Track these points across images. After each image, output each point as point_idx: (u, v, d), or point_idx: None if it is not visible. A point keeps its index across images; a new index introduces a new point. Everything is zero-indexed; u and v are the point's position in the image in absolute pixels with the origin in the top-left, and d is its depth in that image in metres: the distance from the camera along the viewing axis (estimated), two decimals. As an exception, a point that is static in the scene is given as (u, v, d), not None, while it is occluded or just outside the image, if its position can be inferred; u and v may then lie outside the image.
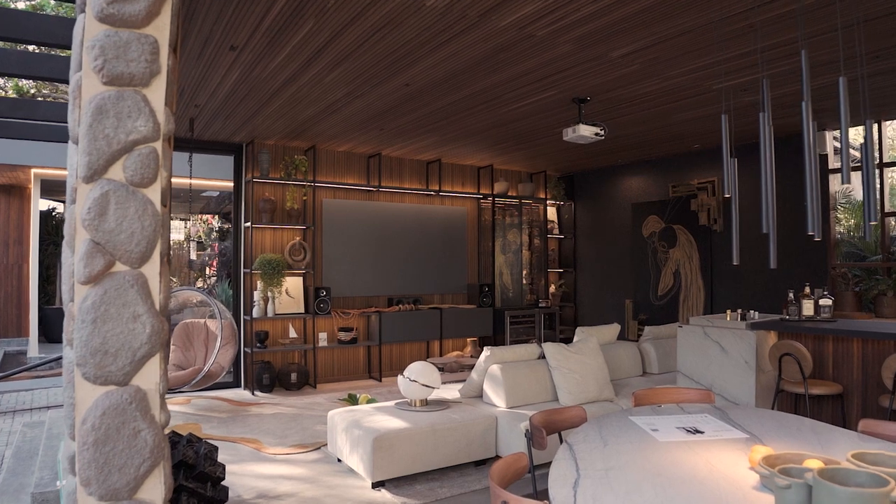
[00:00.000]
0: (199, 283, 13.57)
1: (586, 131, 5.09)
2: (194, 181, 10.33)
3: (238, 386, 7.00)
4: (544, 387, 4.50)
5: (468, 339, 8.26)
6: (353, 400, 4.66)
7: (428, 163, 8.16)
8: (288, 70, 4.50)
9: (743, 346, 4.52)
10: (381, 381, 7.40)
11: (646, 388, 5.21)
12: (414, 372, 4.20)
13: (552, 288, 9.18)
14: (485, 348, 4.44)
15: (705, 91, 5.05)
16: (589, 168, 9.03)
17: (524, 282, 8.84)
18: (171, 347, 6.14)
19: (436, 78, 4.65)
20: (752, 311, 4.92)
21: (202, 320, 6.26)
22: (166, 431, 2.07)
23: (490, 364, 4.43)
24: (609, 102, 5.35)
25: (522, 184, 8.89)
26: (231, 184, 7.16)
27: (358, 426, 3.90)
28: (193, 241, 14.20)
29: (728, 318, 4.83)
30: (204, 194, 12.52)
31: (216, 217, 13.77)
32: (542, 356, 4.70)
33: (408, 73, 4.53)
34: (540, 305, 8.59)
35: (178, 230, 14.66)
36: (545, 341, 8.66)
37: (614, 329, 5.60)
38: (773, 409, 4.36)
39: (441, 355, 8.04)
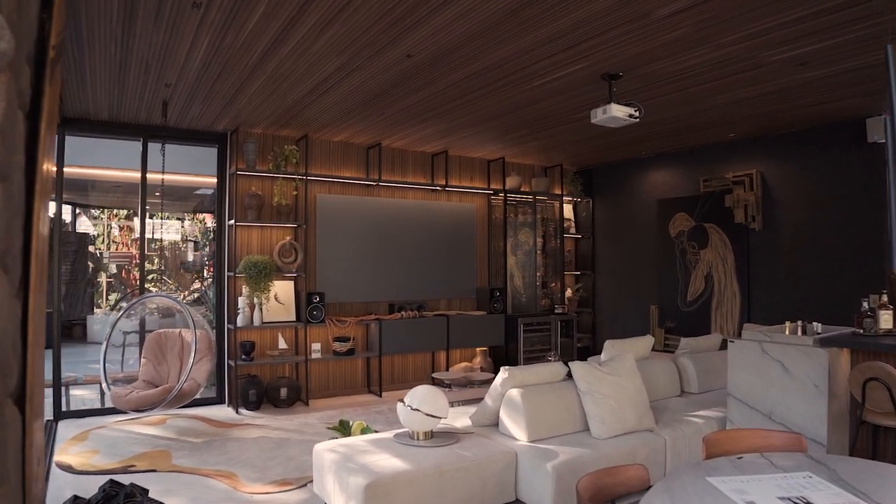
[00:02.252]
0: (196, 285, 12.95)
1: (619, 112, 4.34)
2: (179, 177, 9.66)
3: (222, 402, 6.27)
4: (572, 415, 3.75)
5: (477, 349, 7.52)
6: (344, 429, 3.94)
7: (433, 155, 7.42)
8: (266, 36, 3.77)
9: (811, 367, 3.76)
10: (381, 396, 6.66)
11: (684, 409, 4.46)
12: (416, 398, 3.46)
13: (568, 292, 8.42)
14: (501, 370, 3.69)
15: (762, 64, 4.28)
16: (609, 161, 8.27)
17: (538, 285, 8.09)
18: (142, 361, 5.43)
19: (443, 46, 3.91)
20: (814, 323, 4.16)
21: (176, 330, 5.54)
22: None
23: (508, 388, 3.68)
24: (645, 79, 4.60)
25: (536, 178, 8.15)
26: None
27: (348, 467, 3.17)
28: (190, 241, 13.61)
29: (787, 332, 4.07)
30: (198, 192, 11.88)
31: (214, 216, 13.14)
32: (569, 376, 3.96)
33: (409, 39, 3.79)
34: (556, 312, 7.83)
35: (175, 230, 14.08)
36: (561, 351, 7.94)
37: (647, 342, 4.85)
38: (852, 444, 3.61)
39: (448, 367, 7.30)
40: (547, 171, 8.41)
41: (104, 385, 5.06)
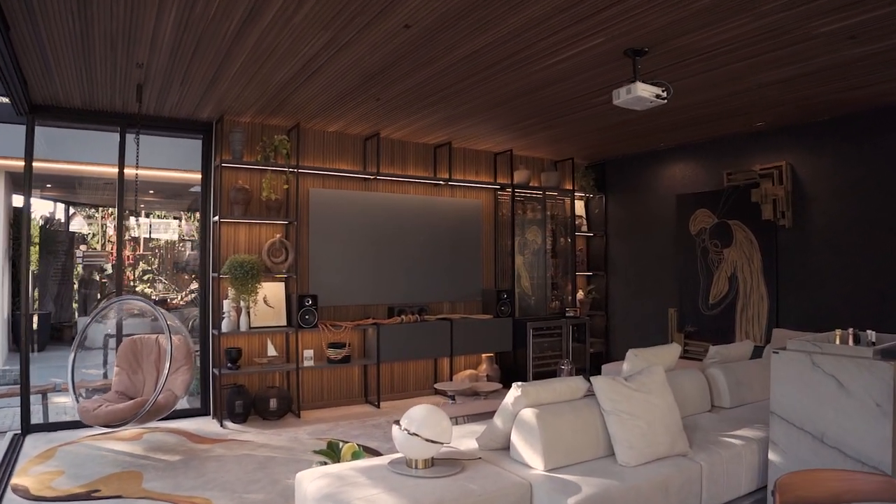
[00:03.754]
0: (195, 286, 12.54)
1: (645, 92, 3.83)
2: (172, 174, 9.20)
3: (206, 414, 5.79)
4: (595, 438, 3.24)
5: (483, 356, 7.02)
6: (332, 452, 3.44)
7: (436, 147, 6.92)
8: (240, 5, 3.28)
9: (872, 382, 3.24)
10: (378, 406, 6.16)
11: (717, 428, 3.80)
12: (414, 421, 2.96)
13: (580, 294, 7.91)
14: (514, 386, 3.19)
15: (807, 37, 3.76)
16: (623, 154, 7.75)
17: (549, 286, 7.58)
18: (115, 370, 4.95)
19: (445, 13, 3.41)
20: (868, 332, 3.64)
21: (153, 336, 5.06)
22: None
23: (520, 408, 3.17)
24: (673, 56, 4.08)
25: (546, 173, 7.64)
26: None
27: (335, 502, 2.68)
28: (187, 240, 13.23)
29: (838, 341, 3.56)
30: (193, 189, 11.46)
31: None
32: (590, 393, 3.45)
33: (406, 4, 3.29)
34: (567, 315, 7.32)
35: (171, 230, 13.69)
36: (573, 357, 7.43)
37: (674, 351, 4.32)
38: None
39: (451, 376, 6.79)
40: (557, 164, 7.90)
41: (71, 397, 4.59)
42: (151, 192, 11.92)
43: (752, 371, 4.71)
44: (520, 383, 3.18)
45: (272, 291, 5.86)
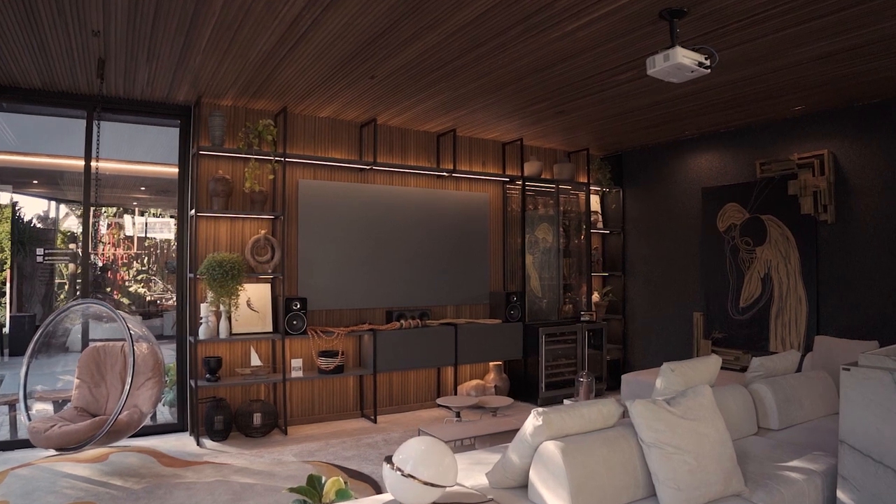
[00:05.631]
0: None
1: (686, 58, 3.23)
2: (162, 168, 8.62)
3: (184, 430, 5.21)
4: (632, 476, 2.63)
5: (491, 364, 6.42)
6: (313, 490, 2.85)
7: (439, 135, 6.32)
8: (201, -56, 2.70)
9: (973, 408, 2.64)
10: (375, 421, 5.57)
11: (770, 457, 3.20)
12: (410, 459, 2.36)
13: (595, 296, 7.30)
14: (533, 413, 2.58)
15: (859, 1, 3.16)
16: (643, 144, 7.14)
17: (561, 288, 6.97)
18: (75, 382, 4.37)
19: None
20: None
21: (119, 344, 4.47)
22: None
23: (542, 440, 2.57)
24: (710, 21, 3.48)
25: (559, 164, 7.03)
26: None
27: (304, 567, 2.09)
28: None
29: (920, 355, 2.95)
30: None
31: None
32: (625, 417, 2.85)
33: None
34: (583, 319, 6.71)
35: (169, 228, 13.17)
36: (589, 365, 6.83)
37: (714, 364, 3.69)
38: None
39: (456, 387, 6.19)
40: (571, 156, 7.30)
41: (22, 415, 4.02)
42: (143, 188, 11.40)
43: (800, 386, 4.12)
44: (540, 409, 2.58)
45: (256, 294, 5.28)
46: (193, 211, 4.98)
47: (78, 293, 5.64)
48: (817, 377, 4.32)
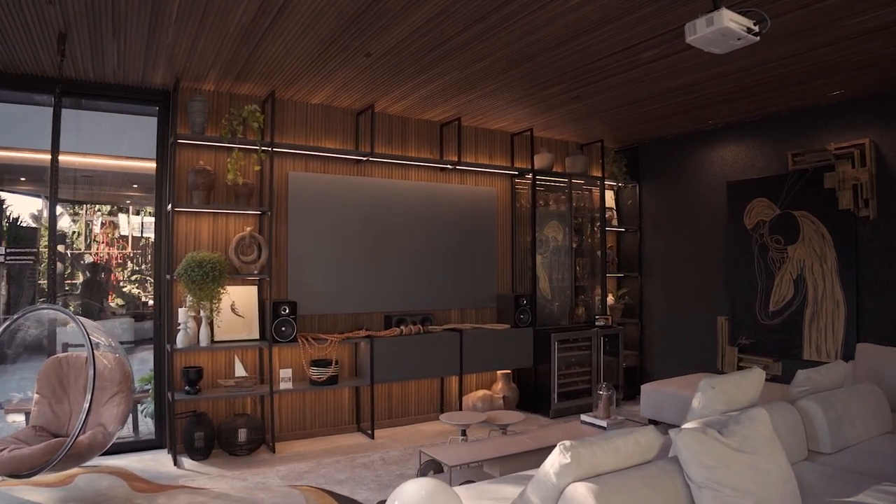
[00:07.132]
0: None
1: (734, 23, 2.74)
2: (151, 164, 8.16)
3: (162, 447, 4.74)
4: (678, 523, 2.15)
5: (499, 373, 5.93)
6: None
7: (442, 124, 5.85)
8: None
9: None
10: (373, 437, 5.09)
11: (830, 490, 2.62)
12: (405, 508, 1.88)
13: (610, 299, 6.81)
14: (559, 448, 2.09)
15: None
16: (661, 135, 6.64)
17: (573, 290, 6.48)
18: (34, 398, 3.90)
19: None
20: None
21: (83, 354, 4.00)
22: None
23: (569, 480, 2.08)
24: (763, -22, 3.00)
25: (571, 157, 6.55)
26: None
27: None
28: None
29: None
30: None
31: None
32: (667, 450, 2.37)
33: None
34: (598, 324, 6.21)
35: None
36: (604, 374, 6.33)
37: (757, 378, 3.22)
38: None
39: (461, 398, 5.69)
40: (584, 148, 6.81)
41: (-29, 436, 3.55)
42: (136, 186, 10.97)
43: (851, 402, 3.63)
44: (567, 443, 2.09)
45: (241, 297, 4.80)
46: (171, 206, 4.51)
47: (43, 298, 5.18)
48: (867, 391, 3.83)
